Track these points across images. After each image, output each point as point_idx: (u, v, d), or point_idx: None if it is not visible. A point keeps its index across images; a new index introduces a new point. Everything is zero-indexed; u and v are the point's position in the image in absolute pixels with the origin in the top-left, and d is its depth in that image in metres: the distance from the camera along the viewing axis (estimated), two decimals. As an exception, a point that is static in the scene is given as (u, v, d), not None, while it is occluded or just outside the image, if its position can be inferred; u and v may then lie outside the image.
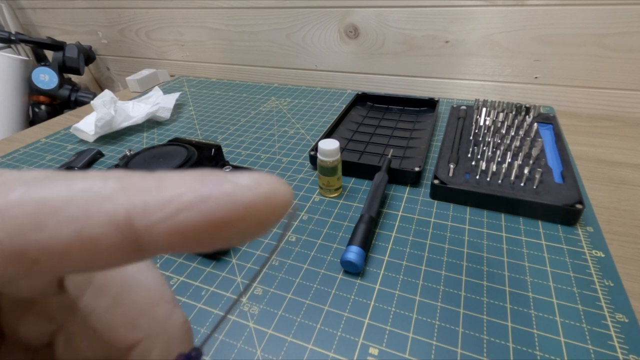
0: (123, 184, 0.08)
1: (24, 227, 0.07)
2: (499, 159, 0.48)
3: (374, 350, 0.30)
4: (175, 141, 0.47)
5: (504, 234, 0.40)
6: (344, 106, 0.72)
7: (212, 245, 0.08)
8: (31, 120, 1.10)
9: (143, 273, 0.12)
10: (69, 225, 0.07)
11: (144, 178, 0.08)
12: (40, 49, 1.09)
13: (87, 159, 0.59)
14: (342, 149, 0.56)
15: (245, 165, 0.48)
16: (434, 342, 0.30)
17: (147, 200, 0.08)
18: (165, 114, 0.73)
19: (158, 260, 0.40)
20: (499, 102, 0.62)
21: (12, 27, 1.21)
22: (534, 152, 0.49)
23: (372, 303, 0.34)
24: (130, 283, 0.12)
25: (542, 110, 0.66)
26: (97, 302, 0.11)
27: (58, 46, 1.05)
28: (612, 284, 0.34)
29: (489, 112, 0.61)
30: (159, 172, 0.08)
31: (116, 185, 0.08)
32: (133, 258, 0.08)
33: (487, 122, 0.58)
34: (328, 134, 0.58)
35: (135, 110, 0.71)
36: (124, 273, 0.12)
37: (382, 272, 0.37)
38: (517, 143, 0.52)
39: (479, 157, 0.50)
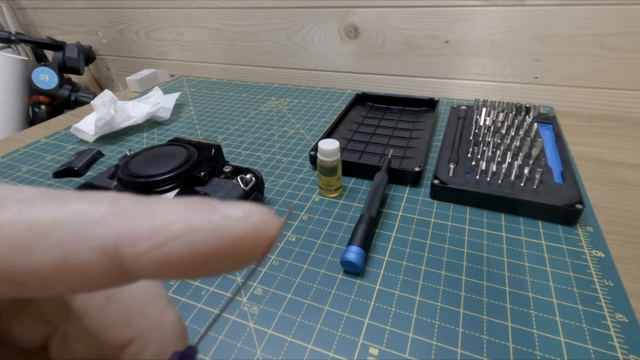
0: (114, 208, 0.08)
1: (12, 248, 0.07)
2: (499, 159, 0.48)
3: (374, 350, 0.30)
4: (175, 141, 0.47)
5: (504, 234, 0.40)
6: (344, 106, 0.72)
7: (198, 275, 0.08)
8: (31, 120, 1.10)
9: None
10: (57, 249, 0.07)
11: (135, 203, 0.08)
12: (40, 49, 1.09)
13: (87, 159, 0.59)
14: (342, 149, 0.56)
15: (245, 166, 0.48)
16: (434, 342, 0.30)
17: (135, 228, 0.08)
18: (165, 114, 0.73)
19: (158, 260, 0.40)
20: (499, 102, 0.62)
21: (12, 27, 1.21)
22: (534, 152, 0.49)
23: (372, 303, 0.34)
24: None
25: (542, 110, 0.66)
26: (90, 302, 0.11)
27: (58, 46, 1.05)
28: (612, 284, 0.34)
29: (489, 112, 0.61)
30: (152, 197, 0.08)
31: (107, 209, 0.08)
32: (118, 283, 0.08)
33: (487, 122, 0.58)
34: (328, 134, 0.58)
35: (135, 110, 0.71)
36: None
37: (382, 272, 0.37)
38: (517, 143, 0.52)
39: (479, 157, 0.50)
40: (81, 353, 0.12)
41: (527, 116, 0.60)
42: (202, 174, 0.42)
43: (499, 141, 0.53)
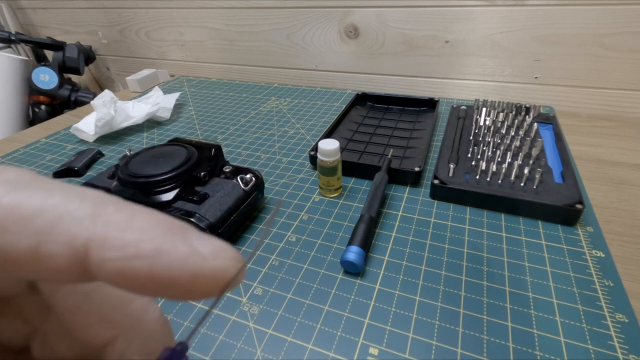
0: (97, 210, 0.08)
1: None
2: (499, 159, 0.48)
3: (374, 350, 0.30)
4: (175, 141, 0.47)
5: (504, 234, 0.40)
6: (344, 106, 0.72)
7: (152, 294, 0.08)
8: (31, 120, 1.10)
9: None
10: (32, 236, 0.08)
11: (118, 210, 0.08)
12: (40, 49, 1.09)
13: (87, 159, 0.59)
14: (342, 149, 0.56)
15: (245, 166, 0.48)
16: (434, 342, 0.30)
17: (109, 236, 0.08)
18: (165, 114, 0.73)
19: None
20: (499, 102, 0.62)
21: (12, 27, 1.21)
22: (534, 152, 0.49)
23: (372, 303, 0.34)
24: None
25: (542, 110, 0.66)
26: (70, 300, 0.11)
27: (58, 46, 1.05)
28: (612, 284, 0.34)
29: (489, 112, 0.61)
30: (136, 207, 0.09)
31: (90, 209, 0.08)
32: (77, 280, 0.08)
33: (487, 122, 0.58)
34: (328, 134, 0.58)
35: (135, 110, 0.71)
36: None
37: (382, 272, 0.37)
38: (517, 143, 0.52)
39: (479, 157, 0.50)
40: (63, 353, 0.12)
41: (527, 116, 0.60)
42: (202, 174, 0.42)
43: (499, 141, 0.53)
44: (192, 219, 0.37)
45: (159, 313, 0.12)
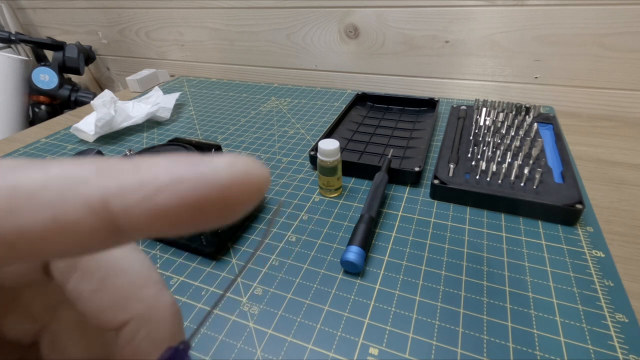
0: (98, 167, 0.08)
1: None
2: (499, 159, 0.48)
3: (374, 350, 0.30)
4: (175, 141, 0.47)
5: (504, 234, 0.40)
6: (344, 106, 0.72)
7: (192, 226, 0.08)
8: (31, 120, 1.10)
9: (128, 256, 0.12)
10: (45, 210, 0.07)
11: (119, 162, 0.08)
12: (40, 49, 1.09)
13: (87, 159, 0.59)
14: (342, 149, 0.56)
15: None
16: (434, 342, 0.30)
17: (122, 183, 0.08)
18: (165, 114, 0.73)
19: (157, 261, 0.40)
20: (499, 102, 0.62)
21: (12, 27, 1.21)
22: (534, 152, 0.49)
23: (372, 303, 0.34)
24: (115, 266, 0.12)
25: (542, 110, 0.66)
26: (83, 286, 0.11)
27: (58, 46, 1.05)
28: (612, 284, 0.34)
29: (489, 112, 0.61)
30: (135, 157, 0.08)
31: (91, 168, 0.08)
32: (113, 242, 0.08)
33: (487, 122, 0.58)
34: (328, 134, 0.58)
35: (135, 110, 0.71)
36: (108, 257, 0.12)
37: (382, 272, 0.37)
38: (517, 143, 0.52)
39: (479, 157, 0.50)
40: (72, 353, 0.12)
41: (527, 116, 0.60)
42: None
43: (499, 141, 0.53)
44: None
45: (171, 301, 0.12)
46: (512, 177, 0.44)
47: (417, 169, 0.48)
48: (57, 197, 0.07)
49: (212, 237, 0.37)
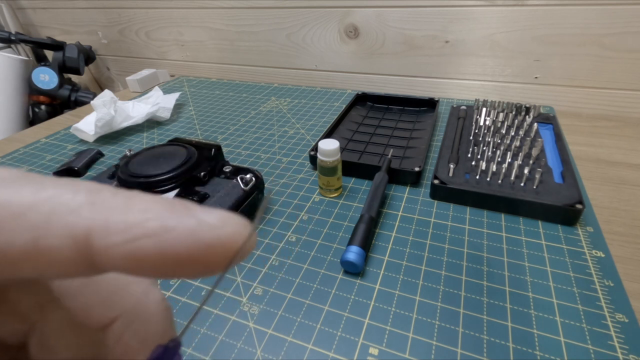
0: (92, 198, 0.08)
1: None
2: (499, 159, 0.48)
3: (374, 350, 0.30)
4: (175, 141, 0.47)
5: (504, 234, 0.40)
6: (344, 106, 0.72)
7: (164, 275, 0.08)
8: (31, 120, 1.10)
9: None
10: (28, 232, 0.07)
11: (114, 195, 0.08)
12: (40, 49, 1.09)
13: (87, 159, 0.59)
14: (342, 149, 0.56)
15: (245, 166, 0.48)
16: (434, 342, 0.30)
17: (110, 220, 0.08)
18: (165, 114, 0.73)
19: (158, 260, 0.40)
20: (499, 102, 0.62)
21: (12, 27, 1.21)
22: (534, 152, 0.49)
23: (372, 303, 0.34)
24: None
25: (542, 110, 0.66)
26: (70, 283, 0.11)
27: (58, 46, 1.05)
28: (612, 284, 0.34)
29: (489, 112, 0.61)
30: (131, 192, 0.08)
31: (85, 198, 0.08)
32: (85, 273, 0.08)
33: (487, 122, 0.58)
34: (328, 134, 0.58)
35: (135, 110, 0.71)
36: None
37: (382, 272, 0.37)
38: (517, 143, 0.52)
39: (479, 157, 0.50)
40: (62, 353, 0.12)
41: (527, 116, 0.60)
42: (202, 174, 0.42)
43: (499, 141, 0.53)
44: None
45: (160, 297, 0.12)
46: (512, 177, 0.44)
47: (417, 169, 0.48)
48: (43, 220, 0.07)
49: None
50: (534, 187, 0.43)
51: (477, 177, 0.46)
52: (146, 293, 0.12)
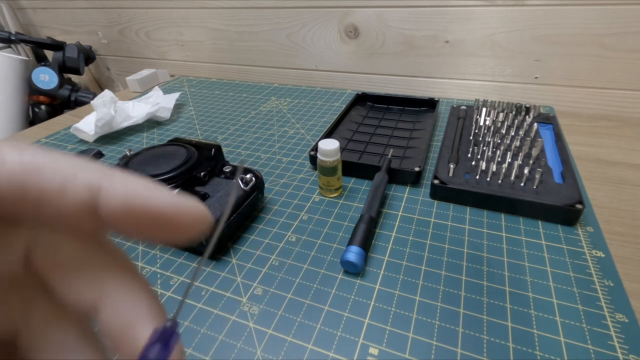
0: (104, 171, 0.11)
1: (30, 171, 0.10)
2: (499, 159, 0.48)
3: (374, 350, 0.30)
4: (175, 141, 0.47)
5: (504, 234, 0.40)
6: (344, 106, 0.72)
7: (148, 232, 0.11)
8: (31, 120, 1.10)
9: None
10: (61, 176, 0.10)
11: (118, 173, 0.11)
12: (40, 49, 1.09)
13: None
14: (342, 149, 0.56)
15: (245, 165, 0.48)
16: (434, 342, 0.30)
17: (115, 185, 0.11)
18: (165, 114, 0.73)
19: (158, 261, 0.40)
20: (499, 102, 0.62)
21: (12, 27, 1.21)
22: (534, 152, 0.49)
23: (372, 303, 0.34)
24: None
25: (542, 110, 0.66)
26: (58, 266, 0.12)
27: (58, 46, 1.05)
28: (612, 284, 0.34)
29: (489, 112, 0.61)
30: (131, 175, 0.11)
31: (99, 169, 0.11)
32: (89, 219, 0.11)
33: (487, 122, 0.58)
34: (328, 134, 0.58)
35: (135, 110, 0.71)
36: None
37: (382, 272, 0.37)
38: (517, 143, 0.52)
39: (479, 157, 0.50)
40: (49, 352, 0.13)
41: (527, 116, 0.60)
42: (202, 173, 0.42)
43: (499, 141, 0.53)
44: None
45: (145, 281, 0.13)
46: (512, 177, 0.44)
47: (417, 169, 0.48)
48: (72, 172, 0.10)
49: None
50: (534, 187, 0.43)
51: (477, 177, 0.46)
52: (131, 280, 0.13)
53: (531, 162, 0.48)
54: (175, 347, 0.11)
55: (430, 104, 0.69)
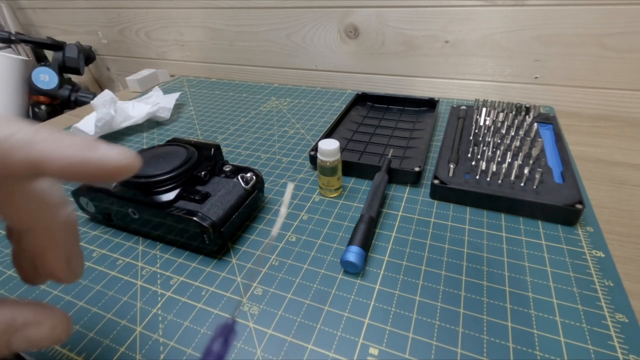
0: (39, 131, 0.15)
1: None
2: (499, 159, 0.48)
3: (374, 350, 0.30)
4: (175, 141, 0.47)
5: (504, 234, 0.40)
6: (344, 106, 0.72)
7: (75, 180, 0.15)
8: (31, 120, 1.10)
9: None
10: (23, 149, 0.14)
11: (51, 132, 0.15)
12: (40, 49, 1.09)
13: (87, 159, 0.59)
14: (342, 149, 0.56)
15: (245, 165, 0.48)
16: (434, 342, 0.30)
17: (54, 153, 0.15)
18: (165, 114, 0.73)
19: (158, 261, 0.40)
20: (499, 102, 0.62)
21: (12, 27, 1.21)
22: (534, 152, 0.49)
23: (372, 303, 0.34)
24: None
25: (542, 110, 0.66)
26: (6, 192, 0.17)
27: (58, 46, 1.05)
28: (612, 284, 0.34)
29: (489, 112, 0.61)
30: (61, 131, 0.15)
31: (33, 130, 0.15)
32: (32, 173, 0.15)
33: (487, 122, 0.58)
34: (328, 134, 0.58)
35: (135, 110, 0.71)
36: None
37: (382, 272, 0.37)
38: (517, 143, 0.52)
39: (479, 157, 0.50)
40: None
41: (527, 116, 0.60)
42: (203, 173, 0.42)
43: (499, 141, 0.53)
44: (194, 218, 0.37)
45: (72, 216, 0.20)
46: (512, 177, 0.44)
47: (417, 169, 0.48)
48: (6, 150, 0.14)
49: (214, 235, 0.37)
50: (534, 187, 0.43)
51: (477, 177, 0.46)
52: (61, 205, 0.19)
53: (531, 162, 0.48)
54: (232, 342, 0.17)
55: (430, 104, 0.69)
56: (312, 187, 0.50)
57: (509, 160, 0.49)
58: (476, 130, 0.57)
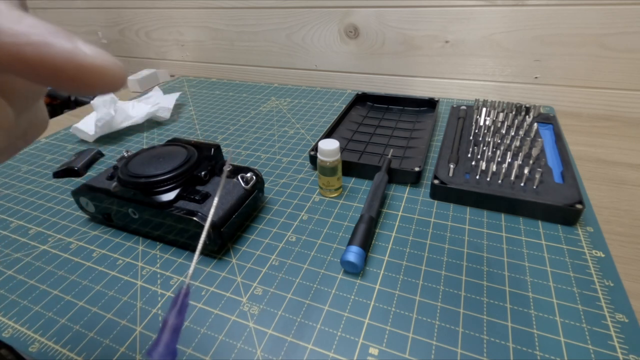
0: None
1: None
2: (499, 159, 0.48)
3: (374, 350, 0.30)
4: (174, 141, 0.47)
5: (504, 234, 0.40)
6: (344, 106, 0.72)
7: (42, 80, 0.10)
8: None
9: None
10: None
11: (9, 9, 0.11)
12: (40, 49, 1.09)
13: (87, 159, 0.59)
14: (342, 149, 0.56)
15: (245, 165, 0.48)
16: (434, 342, 0.30)
17: (3, 27, 0.10)
18: (165, 114, 0.73)
19: (158, 261, 0.40)
20: (499, 102, 0.62)
21: (12, 27, 1.21)
22: (534, 152, 0.49)
23: (372, 303, 0.34)
24: None
25: (542, 110, 0.66)
26: None
27: (58, 46, 1.05)
28: (612, 284, 0.34)
29: (489, 112, 0.61)
30: (25, 12, 0.11)
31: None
32: None
33: (487, 122, 0.58)
34: (328, 134, 0.58)
35: (135, 110, 0.71)
36: None
37: (382, 272, 0.37)
38: (517, 143, 0.52)
39: (479, 157, 0.50)
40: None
41: (527, 116, 0.60)
42: (203, 173, 0.42)
43: (499, 141, 0.53)
44: (194, 218, 0.37)
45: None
46: (512, 177, 0.44)
47: (417, 169, 0.48)
48: None
49: (215, 235, 0.37)
50: (534, 187, 0.43)
51: (477, 177, 0.46)
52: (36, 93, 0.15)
53: (531, 162, 0.48)
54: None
55: (430, 104, 0.69)
56: (312, 187, 0.50)
57: (509, 160, 0.49)
58: (476, 130, 0.57)
